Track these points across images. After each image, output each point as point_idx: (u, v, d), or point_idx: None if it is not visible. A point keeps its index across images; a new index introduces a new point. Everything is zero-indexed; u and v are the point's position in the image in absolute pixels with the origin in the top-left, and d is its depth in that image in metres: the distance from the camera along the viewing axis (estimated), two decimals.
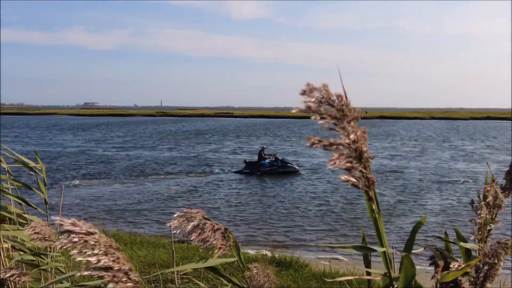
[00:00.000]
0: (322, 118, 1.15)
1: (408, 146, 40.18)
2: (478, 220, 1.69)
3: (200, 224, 1.77)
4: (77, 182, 21.76)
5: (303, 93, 1.14)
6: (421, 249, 1.68)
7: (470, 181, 21.63)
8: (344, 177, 1.17)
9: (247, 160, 25.16)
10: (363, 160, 1.19)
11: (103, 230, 10.60)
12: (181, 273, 4.38)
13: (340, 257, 11.15)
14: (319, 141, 1.14)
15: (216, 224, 1.79)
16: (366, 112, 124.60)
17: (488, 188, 1.74)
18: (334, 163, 1.15)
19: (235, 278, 1.83)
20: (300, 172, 24.37)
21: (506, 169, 1.84)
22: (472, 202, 1.77)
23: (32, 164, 3.16)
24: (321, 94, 1.15)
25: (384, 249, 1.34)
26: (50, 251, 2.85)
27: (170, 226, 1.81)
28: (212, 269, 1.79)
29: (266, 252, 10.07)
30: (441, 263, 1.58)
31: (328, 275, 8.34)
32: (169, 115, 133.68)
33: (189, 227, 1.76)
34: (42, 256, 2.75)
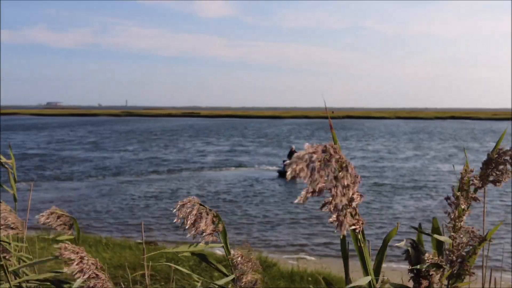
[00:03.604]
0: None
1: (382, 145, 40.80)
2: (452, 213, 1.71)
3: (197, 212, 1.79)
4: (38, 183, 21.25)
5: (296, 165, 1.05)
6: (402, 242, 1.69)
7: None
8: (338, 227, 1.12)
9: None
10: (353, 203, 1.16)
11: None
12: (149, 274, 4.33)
13: (307, 256, 11.23)
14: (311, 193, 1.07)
15: (210, 210, 1.81)
16: (332, 112, 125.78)
17: (464, 176, 1.75)
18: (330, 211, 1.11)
19: (220, 265, 1.83)
20: None
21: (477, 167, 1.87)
22: (447, 198, 1.78)
23: (3, 159, 3.05)
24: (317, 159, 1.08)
25: (369, 278, 1.33)
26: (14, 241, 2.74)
27: (175, 213, 1.81)
28: (200, 255, 1.80)
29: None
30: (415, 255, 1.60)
31: (297, 274, 8.39)
32: (134, 115, 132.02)
33: (194, 212, 1.76)
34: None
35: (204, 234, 1.75)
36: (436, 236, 1.66)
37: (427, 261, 1.55)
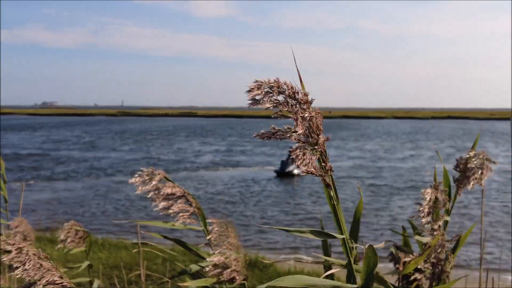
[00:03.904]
0: (274, 107, 1.13)
1: (379, 146, 40.83)
2: (423, 219, 1.69)
3: (160, 185, 1.76)
4: (33, 183, 21.17)
5: (250, 90, 1.13)
6: (381, 244, 1.66)
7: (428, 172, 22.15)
8: (301, 166, 1.13)
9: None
10: (319, 143, 1.15)
11: None
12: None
13: (304, 256, 11.20)
14: (268, 133, 1.12)
15: (178, 186, 1.77)
16: (330, 112, 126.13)
17: (429, 192, 1.75)
18: (296, 154, 1.11)
19: (201, 250, 1.79)
20: None
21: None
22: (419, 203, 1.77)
23: None
24: (270, 85, 1.12)
25: (343, 236, 1.32)
26: None
27: (132, 183, 1.79)
28: (177, 240, 1.78)
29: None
30: (402, 255, 1.58)
31: (293, 274, 8.36)
32: (131, 114, 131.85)
33: (153, 183, 1.73)
34: None
35: (179, 214, 1.71)
36: (417, 237, 1.65)
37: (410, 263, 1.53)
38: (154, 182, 1.76)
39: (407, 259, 1.55)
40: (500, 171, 23.83)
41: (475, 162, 1.76)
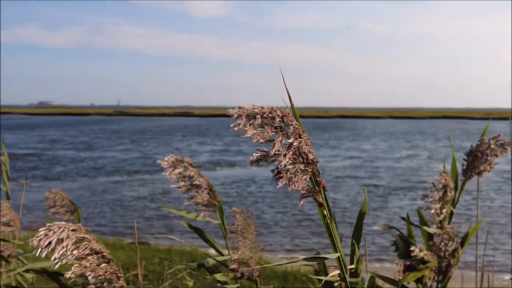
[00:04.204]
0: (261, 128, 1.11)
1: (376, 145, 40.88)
2: (432, 209, 1.69)
3: (188, 173, 1.75)
4: (29, 183, 21.11)
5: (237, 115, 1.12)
6: (381, 227, 1.66)
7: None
8: (291, 188, 1.12)
9: None
10: (310, 163, 1.15)
11: None
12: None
13: (301, 257, 11.19)
14: (261, 156, 1.11)
15: (203, 177, 1.77)
16: (326, 112, 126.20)
17: (439, 178, 1.75)
18: (284, 176, 1.11)
19: (218, 245, 1.80)
20: None
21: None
22: (425, 195, 1.77)
23: None
24: (255, 112, 1.11)
25: (337, 254, 1.31)
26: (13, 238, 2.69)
27: (160, 164, 1.80)
28: (197, 230, 1.78)
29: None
30: (399, 263, 1.57)
31: (290, 274, 8.37)
32: (127, 114, 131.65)
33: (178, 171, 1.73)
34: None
35: (200, 204, 1.70)
36: (425, 228, 1.65)
37: (415, 254, 1.53)
38: (186, 172, 1.76)
39: (413, 250, 1.54)
40: (499, 171, 23.89)
41: (489, 147, 1.75)
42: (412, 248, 1.55)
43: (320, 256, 1.33)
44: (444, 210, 1.65)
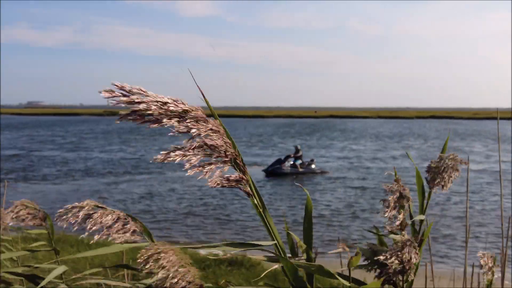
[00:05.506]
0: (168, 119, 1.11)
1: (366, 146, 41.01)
2: (387, 215, 1.71)
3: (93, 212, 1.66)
4: (16, 184, 20.91)
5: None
6: (339, 250, 1.65)
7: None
8: (212, 181, 1.11)
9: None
10: (226, 154, 1.14)
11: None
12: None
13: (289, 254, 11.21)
14: (175, 150, 1.11)
15: (113, 211, 1.68)
16: (315, 112, 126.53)
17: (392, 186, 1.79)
18: (208, 172, 1.11)
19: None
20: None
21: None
22: (384, 200, 1.79)
23: None
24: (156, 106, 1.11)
25: (273, 242, 1.30)
26: None
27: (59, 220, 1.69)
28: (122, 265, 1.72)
29: (218, 251, 10.00)
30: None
31: (280, 273, 8.36)
32: (117, 114, 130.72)
33: (80, 215, 1.64)
34: None
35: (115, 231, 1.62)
36: (391, 236, 1.66)
37: (383, 259, 1.53)
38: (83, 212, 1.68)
39: (380, 258, 1.54)
40: (492, 172, 24.08)
41: (442, 165, 1.80)
42: (377, 258, 1.56)
43: (253, 242, 1.30)
44: (400, 216, 1.68)
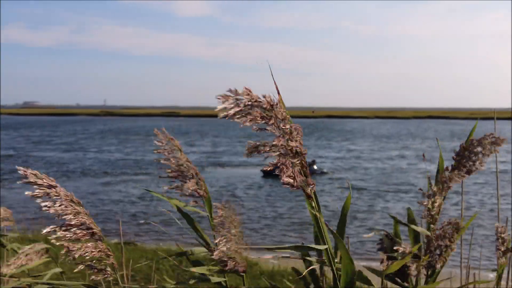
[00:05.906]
0: (251, 120, 1.11)
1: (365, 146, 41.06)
2: (425, 203, 1.69)
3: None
4: (12, 185, 20.83)
5: (224, 99, 1.12)
6: (371, 234, 1.66)
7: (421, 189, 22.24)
8: (284, 179, 1.13)
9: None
10: (299, 156, 1.15)
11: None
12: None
13: (290, 255, 11.21)
14: (256, 146, 1.12)
15: (191, 163, 1.74)
16: (313, 112, 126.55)
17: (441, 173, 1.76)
18: (277, 166, 1.11)
19: (206, 236, 1.79)
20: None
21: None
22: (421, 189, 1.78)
23: None
24: (246, 97, 1.11)
25: (325, 246, 1.31)
26: None
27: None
28: (186, 216, 1.77)
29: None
30: (382, 256, 1.58)
31: (277, 273, 8.37)
32: (113, 114, 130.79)
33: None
34: None
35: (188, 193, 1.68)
36: (413, 226, 1.65)
37: (401, 251, 1.53)
38: (175, 154, 1.73)
39: (398, 248, 1.54)
40: (490, 172, 24.11)
41: (481, 144, 1.75)
42: (395, 247, 1.55)
43: (309, 246, 1.33)
44: (436, 204, 1.65)
